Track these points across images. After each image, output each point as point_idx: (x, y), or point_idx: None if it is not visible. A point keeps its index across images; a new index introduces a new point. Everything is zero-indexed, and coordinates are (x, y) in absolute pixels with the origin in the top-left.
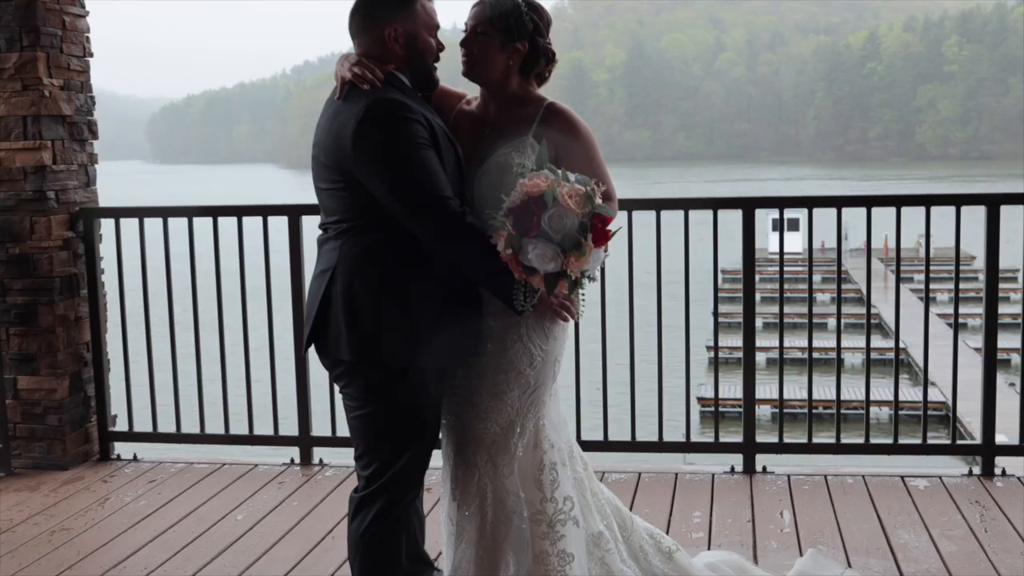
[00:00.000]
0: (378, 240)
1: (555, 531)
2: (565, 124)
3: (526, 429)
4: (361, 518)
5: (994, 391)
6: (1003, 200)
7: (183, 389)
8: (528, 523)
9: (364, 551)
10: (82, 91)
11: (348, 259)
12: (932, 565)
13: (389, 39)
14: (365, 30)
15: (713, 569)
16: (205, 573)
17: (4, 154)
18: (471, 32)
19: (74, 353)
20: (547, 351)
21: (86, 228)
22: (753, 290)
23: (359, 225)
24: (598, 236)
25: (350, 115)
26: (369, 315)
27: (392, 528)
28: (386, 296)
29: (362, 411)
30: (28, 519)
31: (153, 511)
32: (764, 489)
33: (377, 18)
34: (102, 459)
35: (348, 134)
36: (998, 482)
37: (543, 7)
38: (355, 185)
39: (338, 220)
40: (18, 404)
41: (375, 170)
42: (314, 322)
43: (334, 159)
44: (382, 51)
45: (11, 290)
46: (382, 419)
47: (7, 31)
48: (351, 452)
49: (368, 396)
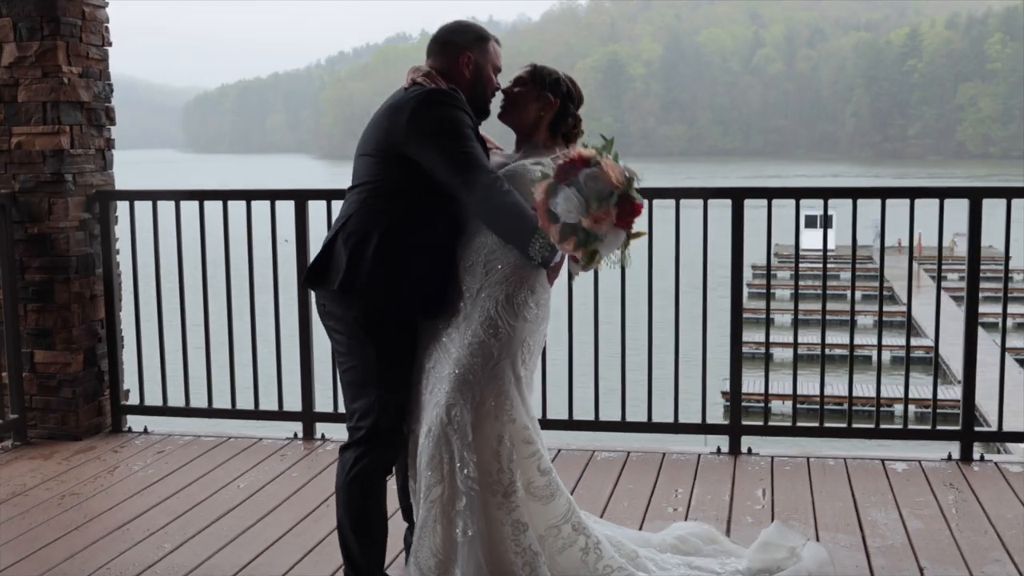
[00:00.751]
0: (392, 203)
1: (510, 501)
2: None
3: (486, 400)
4: (346, 468)
5: (974, 378)
6: (985, 194)
7: (192, 365)
8: (480, 490)
9: (348, 498)
10: (100, 79)
11: (363, 210)
12: (897, 540)
13: (462, 63)
14: (443, 52)
15: (682, 541)
16: (204, 535)
17: (24, 138)
18: (514, 82)
19: (88, 329)
20: (514, 327)
21: (102, 210)
22: (741, 280)
23: (382, 188)
24: (623, 215)
25: (411, 98)
26: (367, 254)
27: (373, 476)
28: (386, 244)
29: (348, 363)
30: (40, 484)
31: (159, 479)
32: (747, 469)
33: (457, 44)
34: (114, 431)
35: (407, 111)
36: (975, 467)
37: (579, 88)
38: (392, 158)
39: (365, 182)
40: (34, 377)
41: (430, 141)
42: (320, 255)
43: (384, 132)
44: (452, 72)
45: (29, 268)
46: (363, 370)
47: (29, 20)
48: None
49: (352, 338)
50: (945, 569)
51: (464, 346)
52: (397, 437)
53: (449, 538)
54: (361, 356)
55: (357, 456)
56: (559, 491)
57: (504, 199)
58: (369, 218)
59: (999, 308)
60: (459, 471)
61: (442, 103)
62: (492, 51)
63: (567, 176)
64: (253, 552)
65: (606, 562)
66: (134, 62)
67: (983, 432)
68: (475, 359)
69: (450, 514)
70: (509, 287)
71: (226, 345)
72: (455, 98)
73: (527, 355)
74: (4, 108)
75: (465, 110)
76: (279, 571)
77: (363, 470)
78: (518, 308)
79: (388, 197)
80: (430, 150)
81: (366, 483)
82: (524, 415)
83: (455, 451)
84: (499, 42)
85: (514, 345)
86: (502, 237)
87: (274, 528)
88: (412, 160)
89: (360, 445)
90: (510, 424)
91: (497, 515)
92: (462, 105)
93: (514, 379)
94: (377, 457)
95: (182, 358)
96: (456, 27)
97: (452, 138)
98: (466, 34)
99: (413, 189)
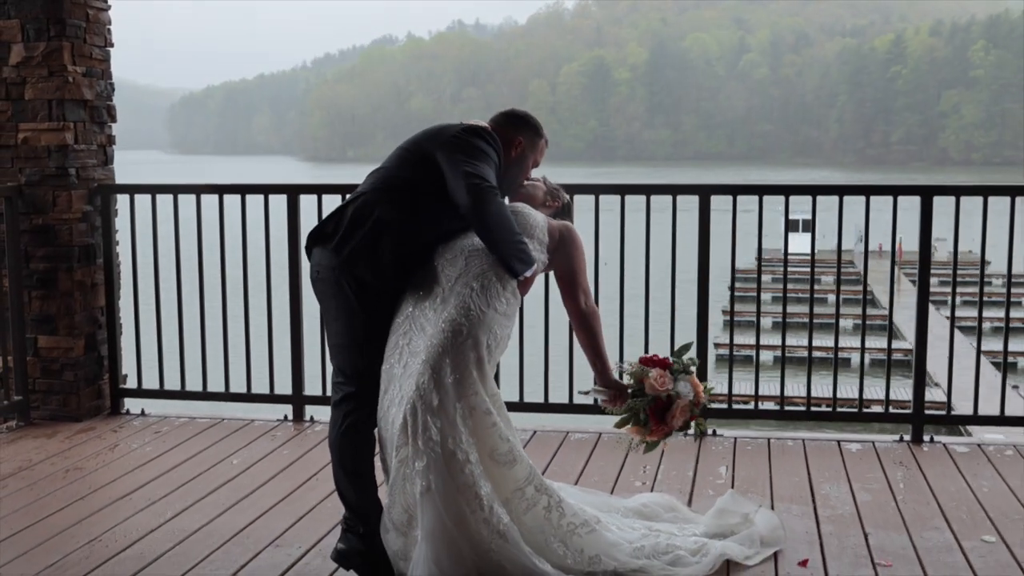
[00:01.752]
0: (404, 192)
1: (471, 465)
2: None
3: (451, 373)
4: (338, 423)
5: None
6: (936, 191)
7: (188, 351)
8: (441, 453)
9: (341, 449)
10: (103, 78)
11: (378, 190)
12: (845, 510)
13: (515, 143)
14: (505, 124)
15: (644, 507)
16: (202, 503)
17: (31, 134)
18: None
19: (89, 316)
20: (485, 313)
21: (103, 202)
22: (707, 276)
23: (402, 177)
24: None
25: (462, 125)
26: (366, 226)
27: (362, 429)
28: (385, 221)
29: (337, 327)
30: (45, 460)
31: (157, 456)
32: (711, 450)
33: (520, 128)
34: (113, 413)
35: (455, 130)
36: (925, 447)
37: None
38: (421, 157)
39: (390, 169)
40: (38, 361)
41: (456, 152)
42: (328, 218)
43: (427, 136)
44: (503, 143)
45: (34, 257)
46: (349, 333)
47: (36, 22)
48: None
49: (342, 303)
50: (887, 535)
51: (437, 325)
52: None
53: (411, 494)
54: (349, 321)
55: (347, 412)
56: (520, 457)
57: (497, 208)
58: (380, 197)
59: (975, 312)
60: (422, 433)
61: (481, 136)
62: (540, 148)
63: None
64: (249, 518)
65: (569, 519)
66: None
67: (933, 415)
68: (445, 336)
69: (414, 473)
70: (485, 279)
71: (220, 332)
72: (493, 138)
73: (493, 343)
74: (11, 105)
75: (497, 150)
76: (275, 533)
77: (353, 424)
78: (491, 298)
79: (404, 186)
80: (452, 157)
81: (356, 436)
82: (483, 391)
83: (419, 416)
84: (547, 143)
85: (482, 328)
86: (488, 244)
87: (267, 498)
88: (436, 163)
89: (350, 401)
90: (472, 396)
91: (459, 479)
92: (495, 146)
93: (476, 359)
94: (365, 412)
95: (178, 344)
96: (525, 115)
97: (473, 157)
98: (527, 123)
99: (427, 186)
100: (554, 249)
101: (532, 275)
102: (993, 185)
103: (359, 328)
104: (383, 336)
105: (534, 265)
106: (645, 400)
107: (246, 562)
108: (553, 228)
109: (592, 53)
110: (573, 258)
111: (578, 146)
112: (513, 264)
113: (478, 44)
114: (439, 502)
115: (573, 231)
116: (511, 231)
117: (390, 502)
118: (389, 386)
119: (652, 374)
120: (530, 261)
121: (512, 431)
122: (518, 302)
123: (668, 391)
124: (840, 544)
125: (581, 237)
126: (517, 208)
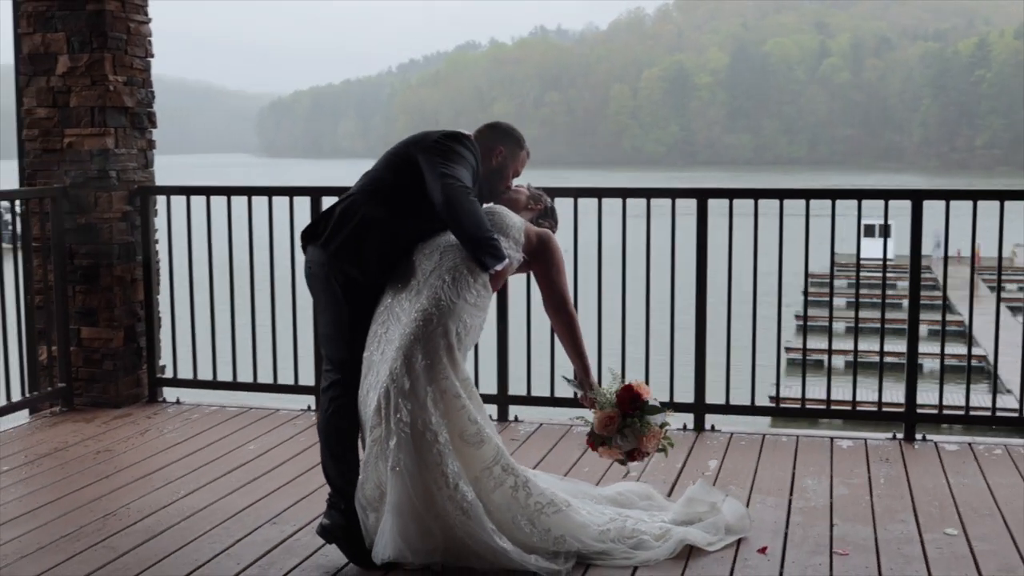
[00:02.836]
0: (389, 194)
1: (439, 444)
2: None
3: (422, 359)
4: (325, 409)
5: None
6: (926, 196)
7: (219, 343)
8: (410, 433)
9: (326, 433)
10: (143, 86)
11: (365, 191)
12: (819, 502)
13: (496, 152)
14: (489, 135)
15: (620, 495)
16: (214, 484)
17: (75, 138)
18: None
19: (129, 309)
20: (455, 303)
21: (142, 203)
22: (705, 279)
23: (387, 180)
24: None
25: (443, 131)
26: (352, 223)
27: (345, 414)
28: (368, 220)
29: (325, 319)
30: (79, 442)
31: (183, 440)
32: (705, 444)
33: (501, 138)
34: (150, 401)
35: (436, 135)
36: (916, 446)
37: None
38: (405, 160)
39: (377, 171)
40: (80, 351)
41: (436, 158)
42: (319, 217)
43: (411, 141)
44: (485, 152)
45: (77, 254)
46: (337, 325)
47: (80, 35)
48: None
49: (331, 297)
50: (853, 526)
51: (411, 315)
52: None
53: (384, 471)
54: (336, 313)
55: (332, 397)
56: (488, 438)
57: (469, 206)
58: (366, 198)
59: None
60: (393, 415)
61: (459, 142)
62: (521, 158)
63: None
64: (253, 498)
65: (535, 499)
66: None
67: (926, 414)
68: (417, 325)
69: (385, 452)
70: (457, 272)
71: (249, 325)
72: (472, 144)
73: (463, 331)
74: (58, 112)
75: (475, 155)
76: (273, 512)
77: (338, 409)
78: (461, 289)
79: (388, 188)
80: (430, 159)
81: (340, 420)
82: (453, 375)
83: (391, 398)
84: (529, 155)
85: (452, 317)
86: (460, 239)
87: (274, 481)
88: (418, 166)
89: (336, 387)
90: (443, 380)
91: (427, 458)
92: (473, 150)
93: (446, 346)
94: (349, 397)
95: (210, 336)
96: (508, 127)
97: (449, 160)
98: (509, 135)
99: (409, 188)
100: (532, 252)
101: (503, 269)
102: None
103: (344, 320)
104: (366, 327)
105: (504, 260)
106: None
107: (241, 537)
108: (531, 232)
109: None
110: (551, 264)
111: (659, 151)
112: (483, 258)
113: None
114: (407, 479)
115: (551, 238)
116: (482, 228)
117: (363, 479)
118: (368, 372)
119: (597, 416)
120: (500, 256)
121: (482, 413)
122: (489, 294)
123: (605, 436)
124: (804, 534)
125: (559, 244)
126: (495, 209)
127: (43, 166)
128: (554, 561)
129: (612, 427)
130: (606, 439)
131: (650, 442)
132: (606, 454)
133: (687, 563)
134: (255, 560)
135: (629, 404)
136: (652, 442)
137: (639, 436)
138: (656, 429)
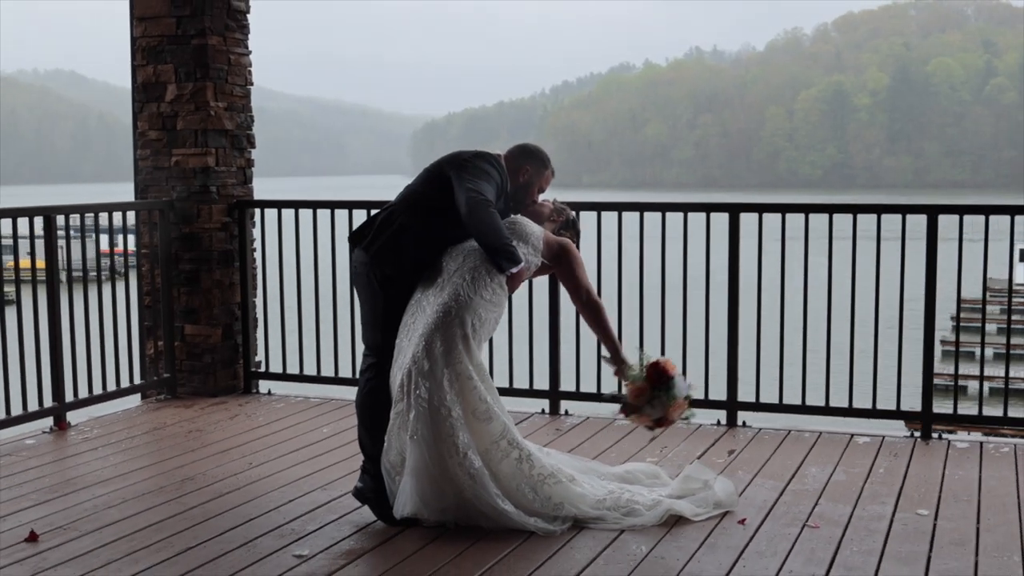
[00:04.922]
0: (425, 204)
1: (452, 419)
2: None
3: (440, 344)
4: (362, 387)
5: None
6: (941, 211)
7: (306, 341)
8: (427, 408)
9: (363, 407)
10: (242, 112)
11: (403, 201)
12: (813, 487)
13: (523, 170)
14: (518, 155)
15: (628, 472)
16: (281, 459)
17: (181, 158)
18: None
19: (227, 310)
20: (472, 298)
21: (240, 215)
22: (737, 291)
23: (424, 192)
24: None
25: (475, 150)
26: (392, 232)
27: (379, 392)
28: (405, 227)
29: (366, 309)
30: (176, 424)
31: (265, 423)
32: (733, 437)
33: (527, 158)
34: (245, 392)
35: (465, 156)
36: (930, 443)
37: (578, 225)
38: (439, 175)
39: (414, 186)
40: (184, 346)
41: (464, 175)
42: (365, 223)
43: (444, 161)
44: (511, 169)
45: (182, 259)
46: (375, 315)
47: (186, 66)
48: None
49: (371, 292)
50: (835, 506)
51: (434, 308)
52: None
53: (405, 440)
54: (373, 305)
55: (368, 378)
56: (497, 415)
57: (488, 217)
58: (404, 208)
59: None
60: (414, 391)
61: (487, 161)
62: (545, 176)
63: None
64: (313, 469)
65: (538, 470)
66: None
67: (940, 414)
68: (438, 316)
69: (406, 423)
70: (476, 272)
71: (331, 324)
72: (499, 163)
73: (478, 323)
74: (166, 134)
75: (501, 173)
76: (326, 480)
77: (372, 389)
78: (478, 287)
79: (422, 199)
80: (460, 176)
81: (374, 398)
82: (467, 360)
83: (413, 378)
84: (554, 174)
85: (469, 310)
86: (481, 245)
87: (335, 456)
88: (449, 181)
89: (372, 369)
90: (458, 364)
91: (441, 429)
92: (499, 169)
93: (462, 335)
94: (383, 379)
95: (298, 335)
96: (536, 149)
97: (476, 176)
98: (535, 156)
99: (441, 199)
100: (553, 257)
101: (520, 272)
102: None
103: (380, 312)
104: (399, 318)
105: (520, 263)
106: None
107: (294, 498)
108: (551, 240)
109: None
110: (572, 264)
111: (816, 173)
112: (500, 261)
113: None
114: (424, 447)
115: (570, 244)
116: (500, 235)
117: (387, 446)
118: (397, 356)
119: (629, 388)
120: (516, 260)
121: (493, 394)
122: (505, 293)
123: (638, 404)
124: (787, 511)
125: (577, 250)
126: (518, 219)
127: (154, 182)
128: (552, 524)
129: (643, 398)
130: (638, 407)
131: (675, 411)
132: (637, 420)
133: (671, 529)
134: (299, 516)
135: (657, 379)
136: (677, 411)
137: (667, 406)
138: (681, 401)
